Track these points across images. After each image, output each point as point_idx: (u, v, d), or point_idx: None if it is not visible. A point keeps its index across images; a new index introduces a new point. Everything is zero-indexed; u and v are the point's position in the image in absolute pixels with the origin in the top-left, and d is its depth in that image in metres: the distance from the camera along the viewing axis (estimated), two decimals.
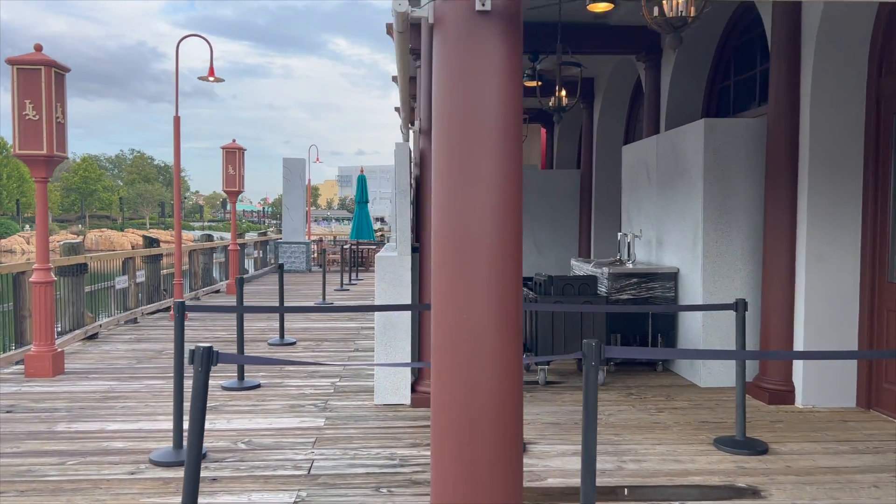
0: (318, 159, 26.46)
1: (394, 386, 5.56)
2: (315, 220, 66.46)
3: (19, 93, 6.28)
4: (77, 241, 8.48)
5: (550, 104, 7.07)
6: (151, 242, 10.78)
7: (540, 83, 8.86)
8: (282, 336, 8.35)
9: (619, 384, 6.30)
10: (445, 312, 2.55)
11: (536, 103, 13.20)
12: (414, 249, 5.73)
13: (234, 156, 13.53)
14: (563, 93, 6.99)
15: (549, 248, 12.01)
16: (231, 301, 12.45)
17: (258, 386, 6.16)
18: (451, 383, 2.50)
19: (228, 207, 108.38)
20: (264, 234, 20.42)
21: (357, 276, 17.42)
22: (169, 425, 5.01)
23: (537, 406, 5.54)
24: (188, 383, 6.04)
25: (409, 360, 5.58)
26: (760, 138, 6.06)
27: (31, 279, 6.60)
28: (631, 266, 6.98)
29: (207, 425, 5.02)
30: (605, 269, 6.74)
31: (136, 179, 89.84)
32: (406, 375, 5.58)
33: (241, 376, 6.21)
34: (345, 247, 16.72)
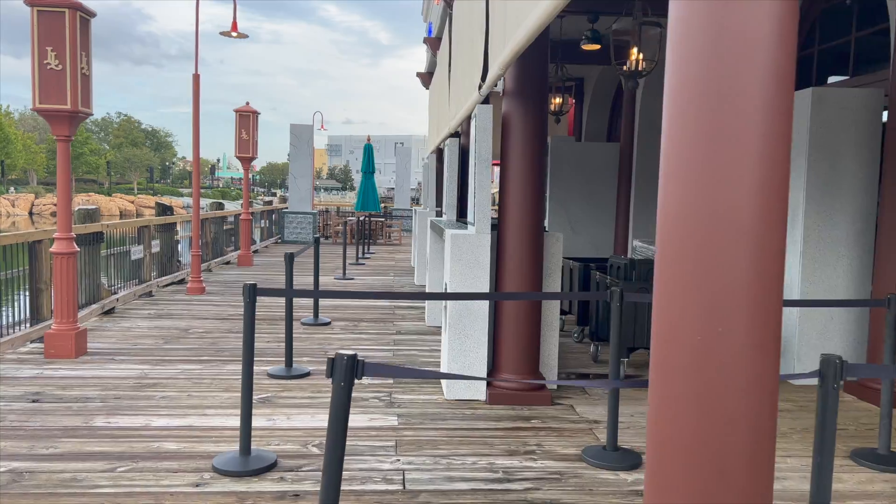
0: (322, 126, 25.60)
1: (467, 380, 4.96)
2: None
3: (40, 39, 5.54)
4: (93, 206, 7.76)
5: (624, 69, 6.41)
6: (165, 210, 10.06)
7: (599, 46, 8.20)
8: (316, 315, 7.72)
9: None
10: (684, 323, 1.94)
11: (580, 71, 12.47)
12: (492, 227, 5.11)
13: (247, 120, 12.77)
14: (641, 55, 6.33)
15: (584, 225, 11.43)
16: (246, 273, 11.78)
17: (308, 374, 5.55)
18: (691, 417, 1.90)
19: (217, 174, 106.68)
20: (270, 202, 19.67)
21: (368, 249, 16.75)
22: (222, 422, 4.40)
23: (630, 405, 4.97)
24: (232, 372, 5.37)
25: (484, 352, 4.98)
26: (874, 110, 5.46)
27: (52, 249, 5.92)
28: None
29: (265, 422, 4.42)
30: None
31: (124, 143, 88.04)
32: (481, 369, 4.99)
33: (288, 362, 5.59)
34: (361, 219, 16.02)
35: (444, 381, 5.10)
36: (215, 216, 12.51)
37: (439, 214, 11.17)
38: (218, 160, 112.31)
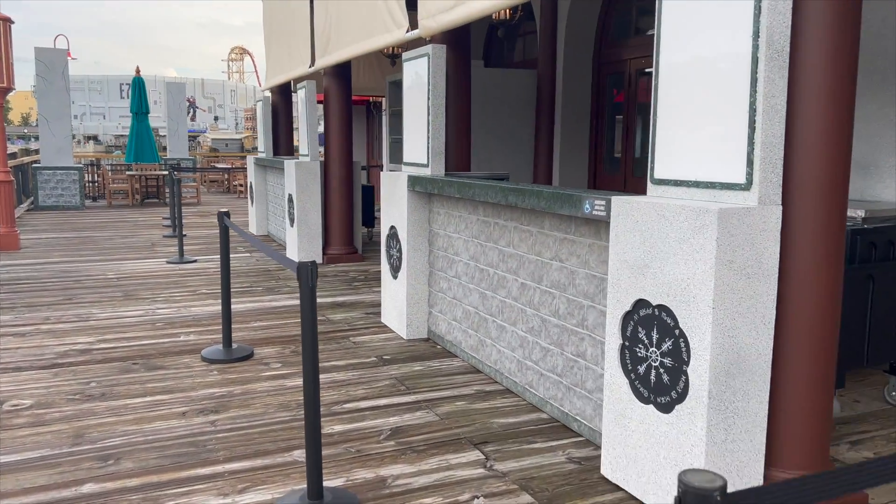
0: (69, 54, 20.01)
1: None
2: (10, 139, 54.94)
3: None
4: None
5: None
6: None
7: None
8: (227, 342, 4.62)
9: None
10: None
11: None
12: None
13: None
14: None
15: (497, 170, 9.14)
16: (19, 263, 7.79)
17: None
18: None
19: None
20: (14, 155, 14.61)
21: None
22: None
23: None
24: None
25: (762, 436, 2.57)
26: None
27: None
28: None
29: None
30: None
31: None
32: (756, 463, 2.58)
33: (314, 491, 2.68)
34: (175, 174, 12.10)
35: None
36: None
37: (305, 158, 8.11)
38: None
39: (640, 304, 2.72)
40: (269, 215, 10.24)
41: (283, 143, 10.48)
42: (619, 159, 8.61)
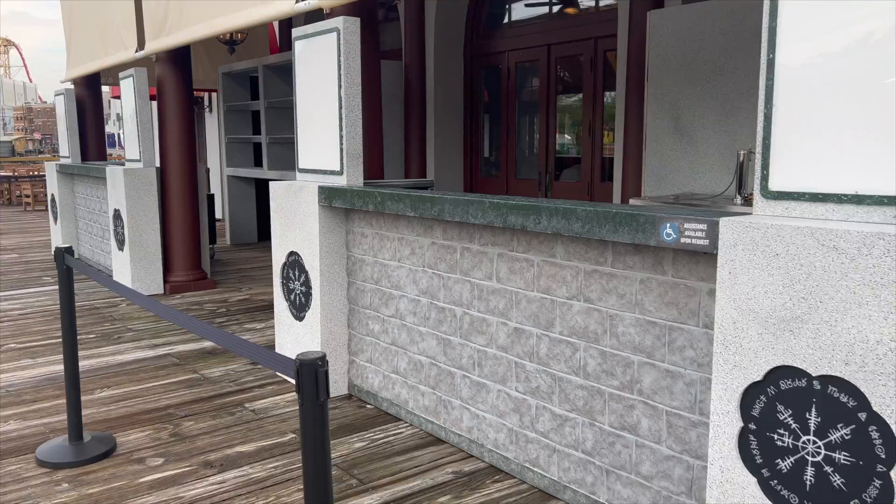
0: None
1: None
2: None
3: None
4: None
5: None
6: None
7: None
8: (76, 433, 3.20)
9: None
10: None
11: None
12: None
13: None
14: None
15: None
16: None
17: None
18: None
19: None
20: None
21: None
22: None
23: None
24: None
25: None
26: None
27: None
28: None
29: None
30: None
31: None
32: None
33: None
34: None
35: None
36: None
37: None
38: None
39: (782, 372, 1.90)
40: (82, 235, 8.38)
41: (92, 145, 8.65)
42: (500, 160, 7.92)
